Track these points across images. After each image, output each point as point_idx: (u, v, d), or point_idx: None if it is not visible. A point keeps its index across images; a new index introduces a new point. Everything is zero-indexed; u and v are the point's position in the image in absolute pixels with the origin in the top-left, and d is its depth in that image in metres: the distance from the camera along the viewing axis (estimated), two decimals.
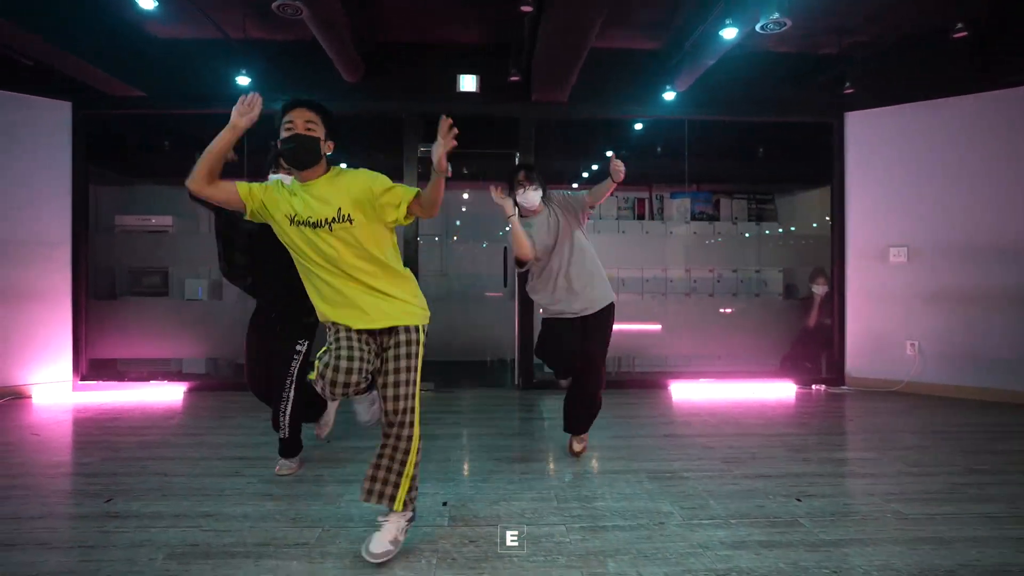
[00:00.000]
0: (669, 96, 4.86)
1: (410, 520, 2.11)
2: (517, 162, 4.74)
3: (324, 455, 3.17)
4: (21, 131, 4.73)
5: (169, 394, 4.91)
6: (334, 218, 1.96)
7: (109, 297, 5.69)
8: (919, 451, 3.29)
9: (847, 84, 4.77)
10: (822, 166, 6.78)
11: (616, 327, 3.12)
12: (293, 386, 2.83)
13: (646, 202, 7.35)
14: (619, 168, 2.86)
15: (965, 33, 4.06)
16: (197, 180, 1.99)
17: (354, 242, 1.98)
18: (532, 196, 3.05)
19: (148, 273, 6.63)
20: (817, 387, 5.15)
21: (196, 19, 4.56)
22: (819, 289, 5.33)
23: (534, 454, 3.25)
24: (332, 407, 3.15)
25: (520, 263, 3.04)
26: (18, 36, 3.90)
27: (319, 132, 2.03)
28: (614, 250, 5.98)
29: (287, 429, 2.86)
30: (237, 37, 4.69)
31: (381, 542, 1.99)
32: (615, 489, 2.67)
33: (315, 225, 1.97)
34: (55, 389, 4.85)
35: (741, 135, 6.31)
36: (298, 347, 2.85)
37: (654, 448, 3.34)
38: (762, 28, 3.43)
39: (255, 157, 3.88)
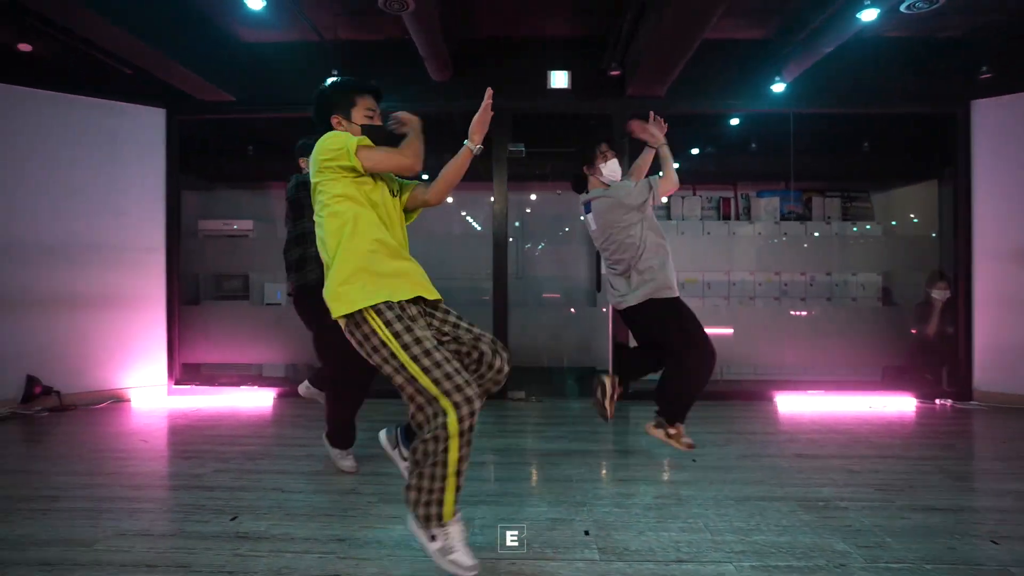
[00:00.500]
0: (779, 87, 4.53)
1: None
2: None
3: None
4: (120, 138, 4.79)
5: (259, 399, 4.89)
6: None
7: (193, 302, 5.75)
8: None
9: (984, 69, 4.32)
10: (927, 159, 6.29)
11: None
12: None
13: (731, 202, 7.00)
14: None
15: None
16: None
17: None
18: (615, 166, 3.17)
19: (229, 277, 6.73)
20: (942, 402, 4.70)
21: (283, 23, 4.52)
22: (940, 294, 4.87)
23: (658, 474, 3.01)
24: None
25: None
26: (122, 40, 3.90)
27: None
28: (698, 252, 5.65)
29: None
30: (328, 39, 4.62)
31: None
32: (768, 520, 2.40)
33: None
34: (151, 393, 4.90)
35: (838, 128, 5.88)
36: None
37: (790, 471, 3.04)
38: (908, 8, 3.08)
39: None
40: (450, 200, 6.54)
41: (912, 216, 6.80)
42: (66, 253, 4.58)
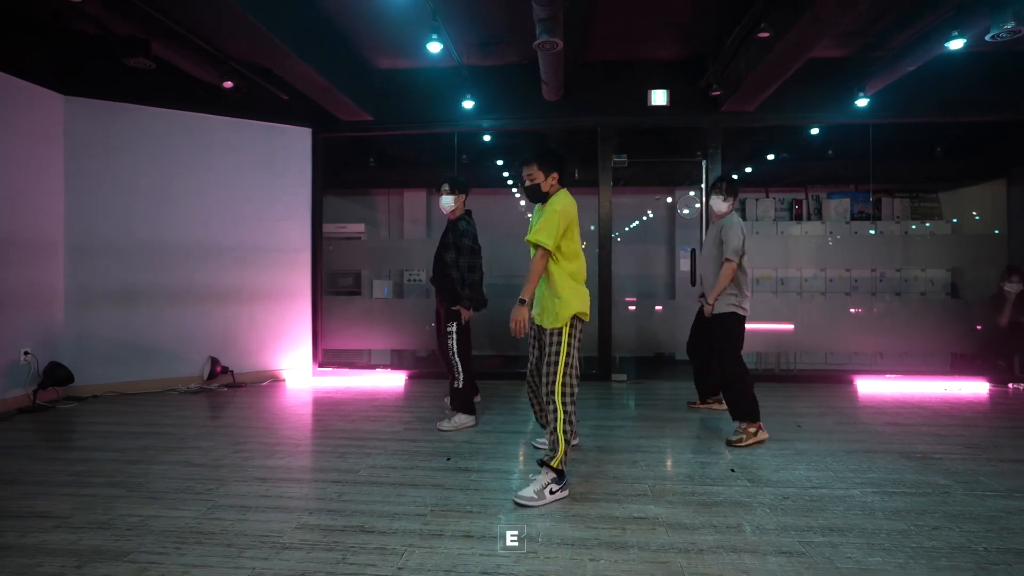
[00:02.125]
0: (862, 102, 5.03)
1: (557, 482, 2.55)
2: (719, 175, 5.09)
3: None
4: (275, 154, 5.61)
5: (393, 380, 5.63)
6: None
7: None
8: None
9: None
10: (994, 161, 6.65)
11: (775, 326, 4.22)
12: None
13: (803, 203, 7.47)
14: None
15: None
16: None
17: None
18: (719, 204, 3.83)
19: (344, 275, 7.54)
20: (1015, 386, 5.13)
21: (416, 51, 5.21)
22: (1013, 287, 5.29)
23: (771, 434, 3.59)
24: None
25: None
26: (298, 71, 4.64)
27: (538, 178, 2.78)
28: (772, 251, 6.14)
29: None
30: (452, 64, 5.33)
31: (527, 490, 2.53)
32: (877, 464, 2.98)
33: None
34: (300, 374, 5.71)
35: (908, 134, 6.30)
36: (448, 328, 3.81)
37: (886, 433, 3.59)
38: (992, 38, 3.58)
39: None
40: (523, 203, 7.20)
41: (974, 214, 7.15)
42: (235, 253, 5.41)
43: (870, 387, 5.21)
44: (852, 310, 6.03)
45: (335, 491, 2.65)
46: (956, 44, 3.84)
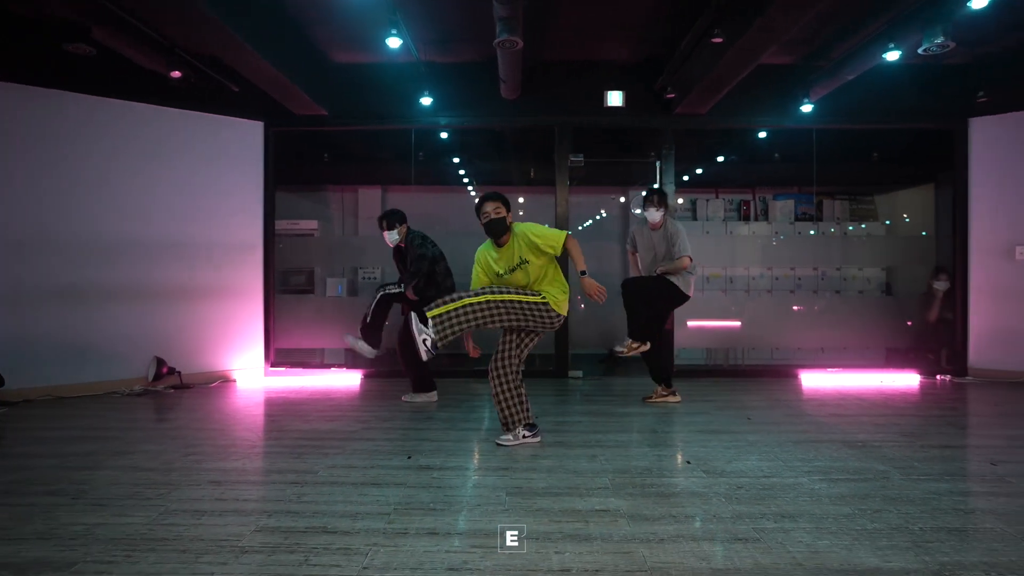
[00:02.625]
0: (806, 108, 5.26)
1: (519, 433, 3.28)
2: (655, 187, 5.30)
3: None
4: (225, 149, 5.44)
5: (348, 380, 5.54)
6: (518, 263, 3.27)
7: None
8: None
9: (980, 93, 5.09)
10: (925, 167, 7.08)
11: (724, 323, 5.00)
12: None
13: (751, 204, 7.74)
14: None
15: None
16: None
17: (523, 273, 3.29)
18: (653, 214, 4.33)
19: (297, 273, 7.37)
20: (942, 377, 5.48)
21: (373, 45, 5.13)
22: (941, 285, 5.64)
23: (723, 427, 3.72)
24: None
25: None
26: (251, 62, 4.50)
27: (504, 213, 3.26)
28: (722, 250, 6.35)
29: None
30: (410, 60, 5.28)
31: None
32: (822, 453, 3.13)
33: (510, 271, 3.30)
34: (252, 374, 5.55)
35: (852, 140, 6.63)
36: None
37: (829, 424, 3.78)
38: (924, 51, 3.81)
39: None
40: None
41: (905, 216, 7.59)
42: (184, 251, 5.22)
43: (813, 381, 5.46)
44: (796, 307, 6.31)
45: (294, 492, 2.60)
46: (892, 55, 4.08)
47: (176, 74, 4.43)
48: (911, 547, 2.05)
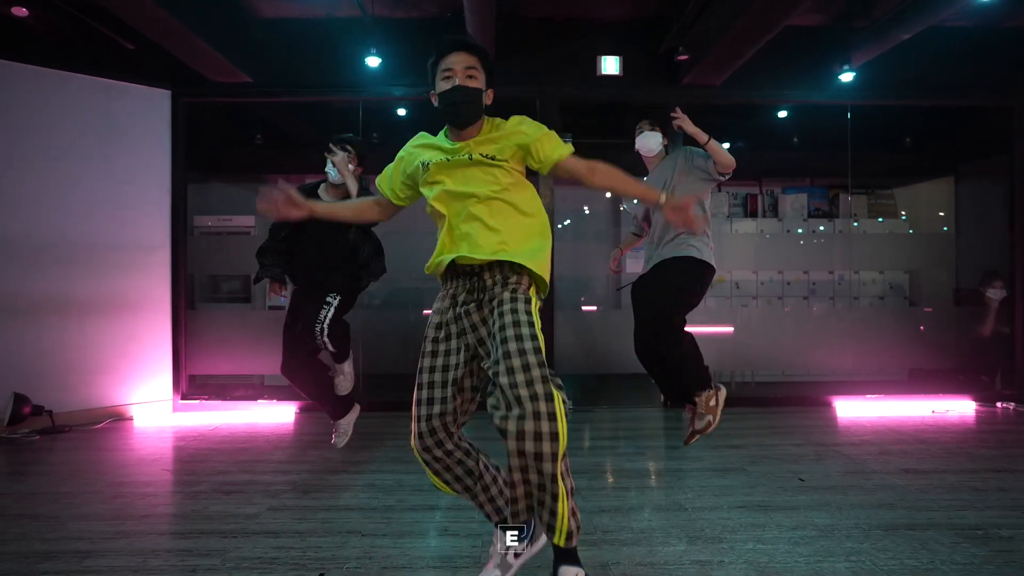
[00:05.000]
0: (847, 77, 4.29)
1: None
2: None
3: None
4: (120, 122, 4.27)
5: (278, 415, 4.43)
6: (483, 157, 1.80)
7: (189, 306, 5.19)
8: None
9: None
10: (946, 156, 6.23)
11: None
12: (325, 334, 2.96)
13: (758, 199, 6.80)
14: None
15: None
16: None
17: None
18: (650, 140, 3.13)
19: (228, 279, 6.20)
20: (1003, 405, 4.56)
21: None
22: (995, 294, 4.73)
23: (771, 495, 2.71)
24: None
25: None
26: (134, 5, 3.39)
27: (480, 81, 1.80)
28: (727, 251, 5.37)
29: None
30: (355, 14, 4.18)
31: None
32: (937, 554, 2.12)
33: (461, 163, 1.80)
34: (155, 409, 4.38)
35: (879, 120, 5.70)
36: (328, 298, 2.98)
37: (910, 489, 2.78)
38: None
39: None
40: None
41: (937, 218, 6.75)
42: (58, 252, 4.03)
43: (848, 410, 4.51)
44: (815, 317, 5.37)
45: None
46: None
47: (21, 11, 3.26)
48: None
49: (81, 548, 2.21)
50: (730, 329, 4.98)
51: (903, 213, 6.86)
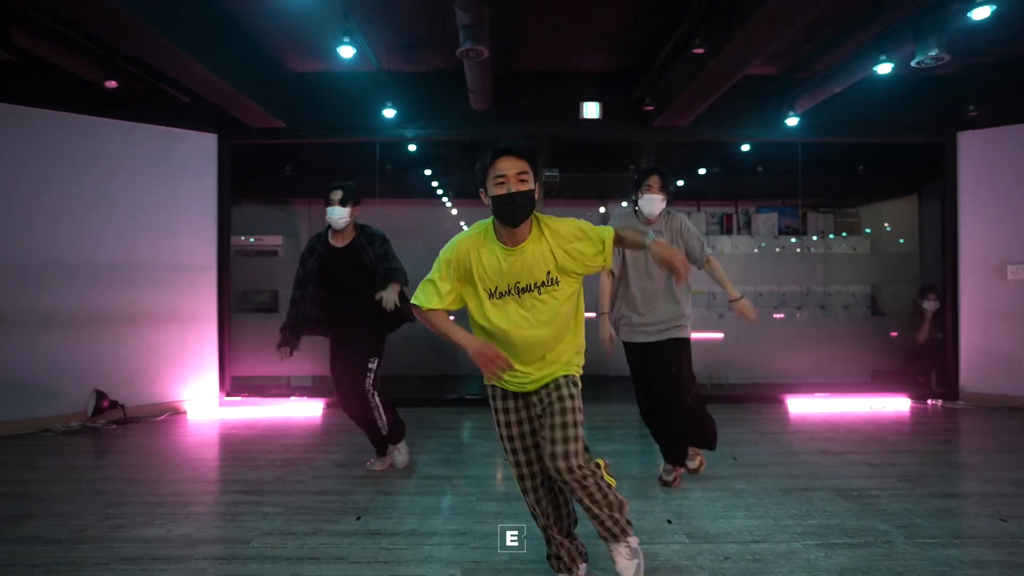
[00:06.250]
0: (792, 121, 5.01)
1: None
2: (650, 165, 4.28)
3: None
4: (175, 162, 5.05)
5: (309, 410, 5.16)
6: (544, 282, 1.91)
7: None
8: None
9: (971, 107, 4.88)
10: (909, 178, 6.90)
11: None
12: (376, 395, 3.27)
13: (733, 217, 7.51)
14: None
15: None
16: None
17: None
18: (654, 204, 2.97)
19: (259, 292, 6.97)
20: (933, 402, 5.25)
21: (332, 53, 4.80)
22: (930, 305, 5.42)
23: (708, 468, 3.42)
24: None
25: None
26: (195, 72, 4.13)
27: (531, 182, 1.86)
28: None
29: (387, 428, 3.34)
30: (372, 68, 4.94)
31: None
32: (816, 507, 2.84)
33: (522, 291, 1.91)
34: (204, 405, 5.15)
35: (838, 151, 6.41)
36: (370, 364, 3.26)
37: (821, 465, 3.50)
38: (917, 63, 3.57)
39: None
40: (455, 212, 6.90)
41: (886, 225, 7.42)
42: (128, 273, 4.81)
43: (800, 407, 5.20)
44: (784, 326, 6.08)
45: (216, 573, 2.24)
46: (884, 68, 3.84)
47: (111, 84, 4.06)
48: None
49: (181, 500, 2.99)
50: (720, 335, 5.69)
51: (867, 229, 7.53)
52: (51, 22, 3.61)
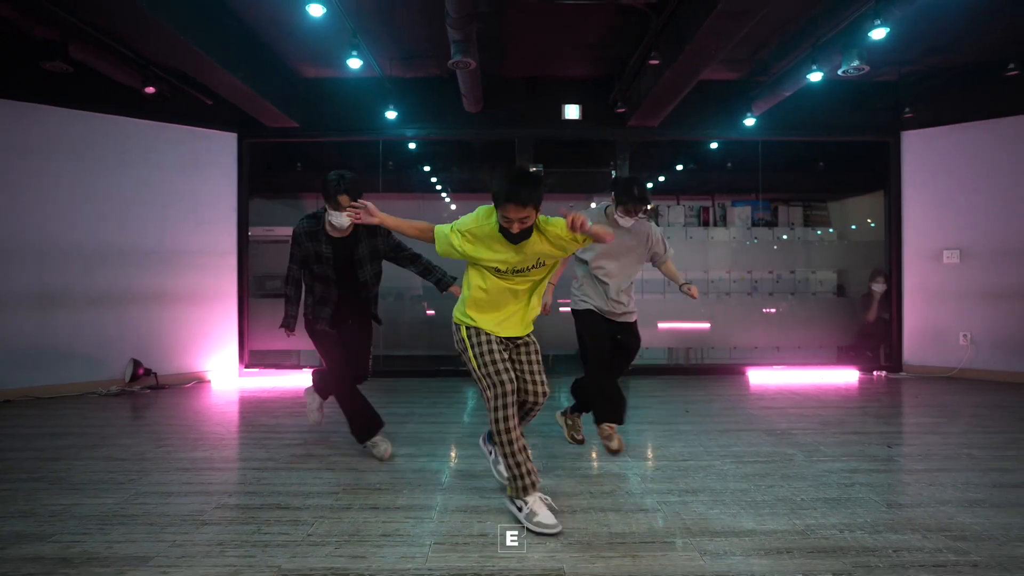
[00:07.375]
0: (750, 122, 5.62)
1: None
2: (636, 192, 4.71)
3: None
4: (200, 159, 5.68)
5: None
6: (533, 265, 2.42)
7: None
8: (982, 417, 4.01)
9: (907, 110, 5.49)
10: (872, 175, 7.51)
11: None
12: None
13: (710, 210, 8.12)
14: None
15: (1016, 72, 4.76)
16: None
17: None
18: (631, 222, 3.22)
19: (273, 278, 7.59)
20: (878, 373, 5.85)
21: (341, 61, 5.41)
22: (878, 287, 6.02)
23: (660, 418, 4.03)
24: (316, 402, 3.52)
25: None
26: (222, 79, 4.74)
27: (532, 218, 2.26)
28: (683, 255, 6.68)
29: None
30: (376, 75, 5.56)
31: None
32: (743, 440, 3.46)
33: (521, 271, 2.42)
34: (227, 374, 5.78)
35: (798, 150, 7.02)
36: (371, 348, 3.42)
37: (758, 416, 4.12)
38: (843, 72, 4.18)
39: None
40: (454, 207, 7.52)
41: (853, 227, 8.01)
42: (158, 257, 5.44)
43: (762, 378, 5.80)
44: (754, 309, 6.69)
45: (254, 476, 2.87)
46: (816, 76, 4.43)
47: (150, 90, 4.69)
48: (788, 513, 2.37)
49: (218, 434, 3.61)
50: (690, 322, 6.35)
51: (853, 223, 8.10)
52: (105, 39, 4.24)
